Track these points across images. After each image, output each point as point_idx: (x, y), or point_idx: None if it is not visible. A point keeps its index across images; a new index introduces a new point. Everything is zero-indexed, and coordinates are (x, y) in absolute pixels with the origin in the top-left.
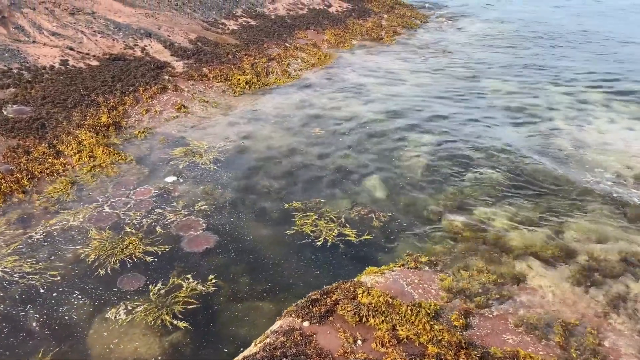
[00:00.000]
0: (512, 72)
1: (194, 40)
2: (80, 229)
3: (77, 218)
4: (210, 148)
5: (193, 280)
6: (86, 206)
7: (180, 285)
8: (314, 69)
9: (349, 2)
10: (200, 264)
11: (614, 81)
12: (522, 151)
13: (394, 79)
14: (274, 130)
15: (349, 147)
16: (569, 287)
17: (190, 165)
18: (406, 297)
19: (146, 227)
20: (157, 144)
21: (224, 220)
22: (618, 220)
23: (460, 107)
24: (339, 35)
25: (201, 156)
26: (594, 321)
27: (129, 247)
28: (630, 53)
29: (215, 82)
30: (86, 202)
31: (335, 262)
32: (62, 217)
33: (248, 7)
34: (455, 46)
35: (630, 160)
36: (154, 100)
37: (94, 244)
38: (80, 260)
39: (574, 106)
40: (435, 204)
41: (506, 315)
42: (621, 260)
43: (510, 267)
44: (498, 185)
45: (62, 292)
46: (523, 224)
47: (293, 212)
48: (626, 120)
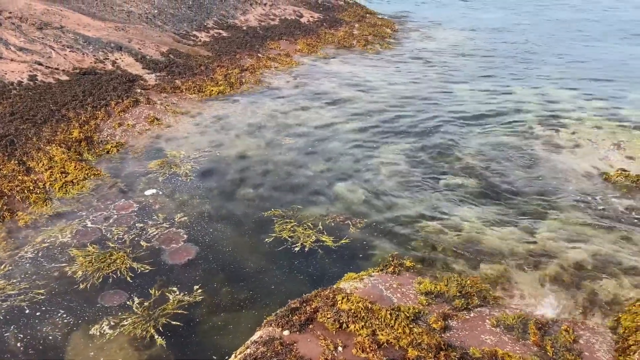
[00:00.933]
0: (483, 78)
1: (165, 53)
2: (63, 246)
3: (63, 235)
4: (186, 159)
5: (177, 292)
6: (66, 223)
7: (164, 297)
8: (288, 78)
9: (320, 13)
10: (182, 276)
11: (583, 82)
12: (495, 154)
13: (367, 86)
14: (249, 140)
15: (323, 154)
16: (543, 287)
17: (167, 177)
18: (385, 301)
19: (129, 242)
20: (131, 157)
21: (203, 231)
22: (589, 220)
23: (433, 113)
24: (311, 44)
25: (177, 167)
26: (569, 318)
27: (116, 262)
28: (598, 55)
29: (188, 94)
30: (64, 219)
31: (315, 269)
32: (44, 234)
33: (219, 18)
34: (426, 54)
35: (599, 161)
36: (126, 113)
37: (78, 261)
38: (65, 278)
39: (544, 108)
40: (411, 209)
41: (484, 316)
42: (593, 259)
43: (486, 268)
44: (472, 189)
45: (45, 311)
46: (498, 227)
47: (272, 220)
48: (594, 120)
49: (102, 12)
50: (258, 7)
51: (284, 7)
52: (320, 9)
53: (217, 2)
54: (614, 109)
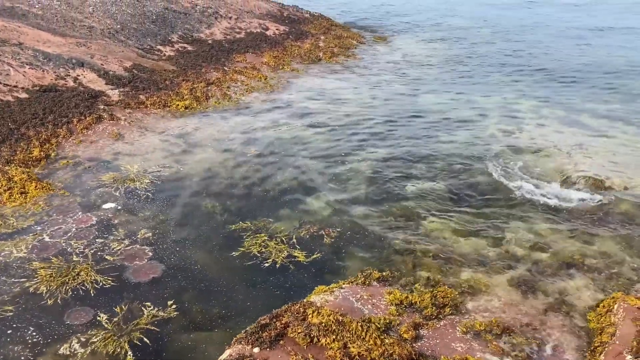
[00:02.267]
0: (446, 87)
1: (129, 68)
2: (23, 261)
3: (19, 249)
4: (151, 174)
5: (143, 312)
6: (24, 237)
7: (129, 317)
8: (254, 91)
9: (286, 25)
10: (148, 294)
11: (543, 89)
12: (462, 161)
13: (334, 98)
14: (215, 154)
15: (293, 166)
16: (512, 291)
17: (129, 192)
18: (356, 313)
19: (90, 258)
20: (92, 173)
21: (169, 247)
22: (553, 223)
23: (401, 123)
24: (278, 57)
25: (141, 182)
26: (537, 322)
27: (78, 275)
28: (558, 63)
29: (153, 109)
30: (23, 233)
31: (286, 284)
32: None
33: (184, 32)
34: (391, 64)
35: (562, 164)
36: (89, 130)
37: (39, 276)
38: (25, 293)
39: (506, 115)
40: (382, 218)
41: (454, 324)
42: (559, 261)
43: (456, 276)
44: (441, 197)
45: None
46: (466, 233)
47: (241, 235)
48: (555, 125)
49: (63, 28)
50: (223, 20)
51: (250, 21)
52: (286, 22)
53: (182, 16)
54: (575, 114)
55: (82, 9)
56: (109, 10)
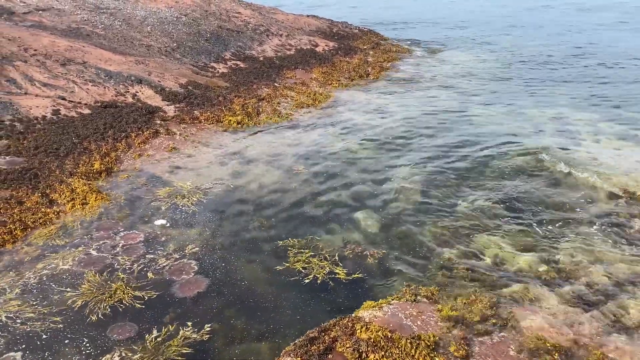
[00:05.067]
0: (497, 100)
1: (184, 85)
2: (71, 273)
3: (66, 262)
4: (203, 189)
5: (188, 326)
6: (73, 250)
7: (176, 331)
8: (304, 107)
9: (335, 41)
10: (193, 309)
11: (600, 103)
12: (513, 176)
13: (382, 112)
14: (265, 169)
15: (341, 183)
16: (567, 310)
17: (181, 207)
18: (405, 330)
19: (137, 272)
20: (148, 187)
21: (216, 262)
22: (612, 240)
23: (449, 137)
24: (327, 73)
25: (192, 198)
26: (594, 342)
27: (116, 292)
28: (617, 74)
29: (206, 124)
30: (73, 246)
31: (333, 300)
32: (49, 260)
33: (237, 50)
34: (440, 77)
35: (620, 181)
36: (146, 144)
37: (83, 289)
38: (69, 307)
39: (560, 129)
40: (429, 235)
41: (507, 342)
42: (616, 280)
43: (507, 293)
44: (490, 213)
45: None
46: (518, 250)
47: (286, 251)
48: (613, 142)
49: (123, 46)
50: (274, 38)
51: (300, 37)
52: (335, 38)
53: (235, 34)
54: (632, 130)
55: (141, 29)
56: (165, 30)
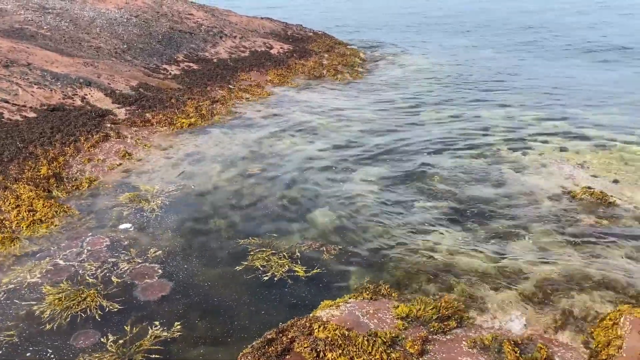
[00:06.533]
0: (449, 101)
1: (135, 87)
2: (34, 285)
3: (32, 274)
4: (158, 192)
5: (152, 329)
6: (37, 262)
7: (140, 335)
8: (259, 109)
9: (290, 44)
10: (158, 312)
11: (547, 104)
12: (465, 177)
13: (337, 115)
14: (221, 170)
15: (297, 182)
16: (520, 306)
17: (138, 211)
18: (362, 327)
19: (99, 278)
20: (101, 192)
21: (178, 265)
22: (557, 238)
23: (403, 139)
24: (282, 75)
25: (149, 201)
26: (543, 337)
27: (86, 300)
28: (564, 75)
29: (159, 127)
30: (34, 257)
31: (292, 298)
32: (14, 274)
33: (189, 52)
34: (394, 80)
35: (565, 180)
36: (96, 149)
37: (49, 300)
38: (34, 318)
39: (510, 131)
40: (385, 234)
41: (460, 338)
42: (563, 276)
43: (461, 290)
44: (444, 213)
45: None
46: (471, 248)
47: (247, 251)
48: (559, 141)
49: (70, 48)
50: (228, 39)
51: (254, 39)
52: (289, 41)
53: (187, 35)
54: (577, 129)
55: (90, 30)
56: (115, 31)
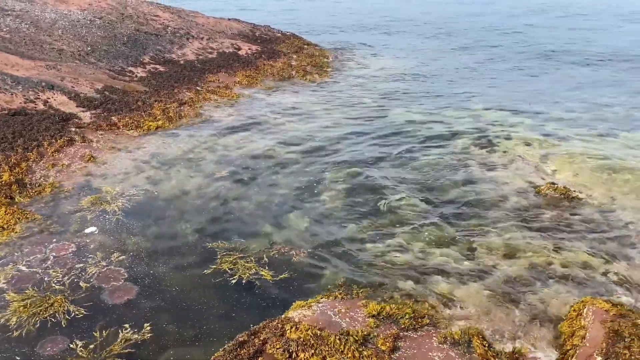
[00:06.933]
0: (417, 102)
1: (100, 90)
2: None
3: None
4: (123, 196)
5: (123, 332)
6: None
7: (110, 338)
8: (227, 110)
9: (258, 45)
10: (125, 316)
11: (511, 102)
12: (434, 174)
13: (306, 115)
14: (188, 173)
15: (266, 185)
16: (487, 300)
17: (102, 215)
18: (334, 327)
19: (66, 284)
20: (66, 197)
21: (144, 269)
22: (524, 233)
23: (372, 138)
24: (251, 76)
25: (114, 205)
26: (511, 328)
27: (53, 305)
28: (528, 74)
29: (125, 130)
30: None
31: (264, 301)
32: None
33: (156, 53)
34: (363, 80)
35: (531, 174)
36: (60, 153)
37: (13, 307)
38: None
39: (476, 129)
40: (356, 233)
41: (430, 334)
42: (530, 270)
43: (432, 286)
44: (414, 209)
45: None
46: (441, 244)
47: (214, 254)
48: (524, 137)
49: (32, 51)
50: (195, 41)
51: (222, 41)
52: (258, 42)
53: (153, 37)
54: (540, 126)
55: (51, 32)
56: (79, 33)
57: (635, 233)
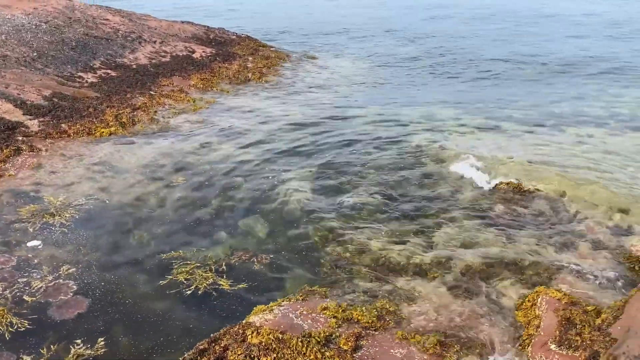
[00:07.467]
0: (373, 101)
1: (49, 97)
2: None
3: None
4: (75, 206)
5: (75, 348)
6: None
7: (60, 354)
8: (183, 115)
9: (213, 47)
10: (77, 330)
11: (463, 100)
12: (391, 172)
13: (264, 117)
14: (143, 181)
15: (224, 189)
16: (446, 294)
17: (51, 226)
18: (296, 329)
19: (10, 299)
20: (10, 209)
21: (95, 281)
22: (479, 226)
23: (331, 138)
24: (206, 79)
25: (63, 215)
26: (470, 321)
27: None
28: (476, 75)
29: (76, 138)
30: None
31: (224, 309)
32: None
33: (107, 58)
34: (320, 81)
35: (484, 169)
36: (6, 163)
37: None
38: None
39: (431, 127)
40: (317, 235)
41: (392, 331)
42: (486, 263)
43: (391, 283)
44: (373, 208)
45: None
46: (399, 241)
47: (171, 265)
48: (476, 134)
49: None
50: (148, 45)
51: (175, 44)
52: (212, 44)
53: (104, 41)
54: (494, 124)
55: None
56: (23, 38)
57: (583, 224)
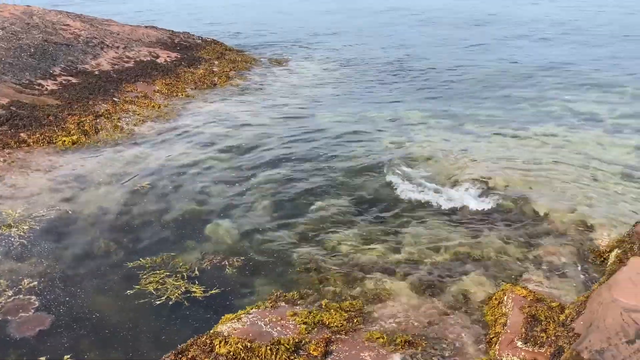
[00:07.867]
0: (341, 105)
1: (6, 105)
2: None
3: None
4: (36, 217)
5: None
6: None
7: None
8: (148, 121)
9: (178, 52)
10: (39, 348)
11: (429, 103)
12: (360, 175)
13: (231, 121)
14: (107, 190)
15: (192, 195)
16: (415, 295)
17: (7, 239)
18: (265, 337)
19: None
20: None
21: (59, 295)
22: (446, 225)
23: (299, 142)
24: (171, 84)
25: (22, 228)
26: (439, 321)
27: None
28: (441, 77)
29: (37, 147)
30: None
31: (193, 318)
32: None
33: (67, 65)
34: (287, 85)
35: (450, 169)
36: None
37: None
38: None
39: (398, 128)
40: (287, 239)
41: (362, 334)
42: (454, 261)
43: (361, 286)
44: (342, 210)
45: None
46: (369, 243)
47: (138, 274)
48: (442, 135)
49: None
50: (110, 50)
51: (139, 49)
52: (177, 49)
53: (64, 47)
54: (459, 124)
55: None
56: None
57: (548, 221)
